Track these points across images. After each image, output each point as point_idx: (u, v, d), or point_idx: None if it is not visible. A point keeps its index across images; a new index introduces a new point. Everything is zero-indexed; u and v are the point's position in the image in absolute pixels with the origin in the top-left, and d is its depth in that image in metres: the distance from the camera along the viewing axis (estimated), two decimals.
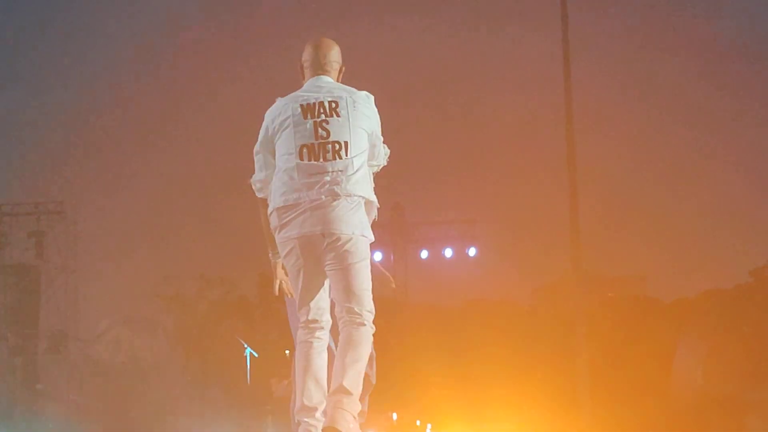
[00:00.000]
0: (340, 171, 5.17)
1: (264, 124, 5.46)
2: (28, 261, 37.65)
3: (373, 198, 5.42)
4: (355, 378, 5.11)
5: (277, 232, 5.23)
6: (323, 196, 5.10)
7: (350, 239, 5.15)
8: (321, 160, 5.19)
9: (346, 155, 5.20)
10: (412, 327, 41.24)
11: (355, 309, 5.18)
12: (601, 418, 29.78)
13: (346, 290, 5.18)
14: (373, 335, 6.36)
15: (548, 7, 26.40)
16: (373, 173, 5.66)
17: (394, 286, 6.74)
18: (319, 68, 5.51)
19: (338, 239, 5.13)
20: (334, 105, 5.26)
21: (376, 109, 5.45)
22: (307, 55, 5.55)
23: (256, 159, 5.51)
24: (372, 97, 5.45)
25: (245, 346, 14.18)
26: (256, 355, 14.48)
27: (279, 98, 5.45)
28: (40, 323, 37.04)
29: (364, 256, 5.26)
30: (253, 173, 5.55)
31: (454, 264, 39.89)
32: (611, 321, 44.41)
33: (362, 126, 5.32)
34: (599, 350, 34.51)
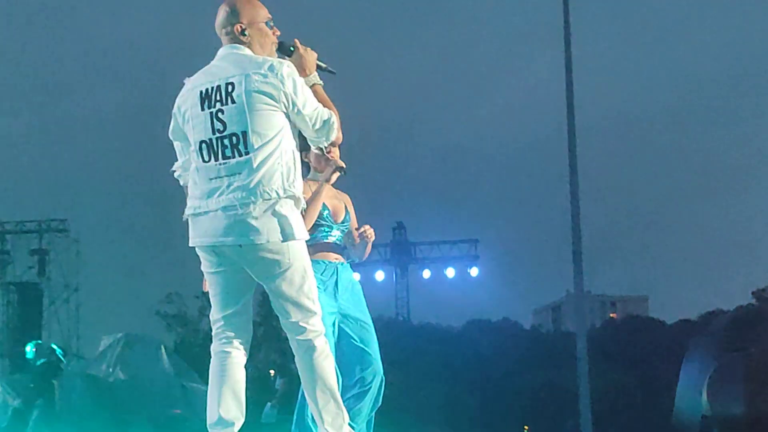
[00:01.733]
0: (239, 174, 4.45)
1: (173, 109, 4.74)
2: (30, 278, 37.72)
3: (292, 191, 4.54)
4: (333, 417, 4.74)
5: (192, 240, 4.67)
6: (227, 203, 4.46)
7: (274, 247, 4.50)
8: (220, 158, 4.49)
9: (245, 149, 4.45)
10: (413, 346, 41.21)
11: (299, 323, 4.64)
12: None
13: (284, 302, 4.64)
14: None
15: (552, 29, 26.49)
16: (321, 148, 4.99)
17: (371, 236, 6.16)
18: (223, 38, 4.74)
19: (258, 248, 4.48)
20: (230, 88, 4.51)
21: (288, 76, 4.55)
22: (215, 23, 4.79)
23: (174, 144, 4.85)
24: (281, 65, 4.56)
25: None
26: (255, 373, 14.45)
27: (186, 79, 4.74)
28: (43, 340, 37.02)
29: (296, 259, 4.58)
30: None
31: (456, 284, 39.83)
32: (614, 341, 44.44)
33: (264, 106, 4.49)
34: (601, 370, 34.44)
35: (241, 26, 4.68)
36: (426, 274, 40.11)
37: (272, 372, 38.29)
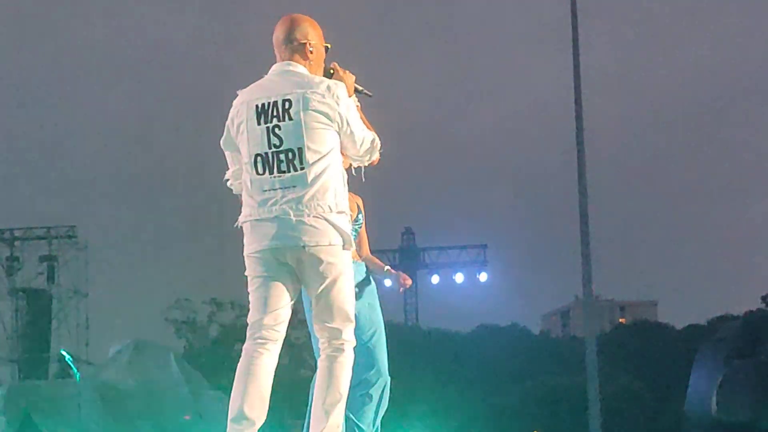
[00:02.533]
0: (293, 188, 4.63)
1: (227, 121, 4.90)
2: (39, 285, 37.78)
3: (342, 207, 4.74)
4: (334, 424, 4.76)
5: (245, 245, 4.81)
6: (280, 213, 4.63)
7: (327, 250, 4.68)
8: (275, 172, 4.67)
9: (301, 165, 4.63)
10: (422, 351, 41.21)
11: (337, 329, 4.78)
12: None
13: (328, 307, 4.77)
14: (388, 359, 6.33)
15: (560, 33, 26.50)
16: (361, 165, 5.09)
17: (409, 283, 6.42)
18: (282, 51, 4.90)
19: (319, 251, 4.67)
20: (287, 105, 4.69)
21: (344, 97, 4.77)
22: (273, 37, 4.95)
23: (225, 154, 5.00)
24: (337, 87, 4.76)
25: None
26: None
27: (240, 91, 4.88)
28: (52, 347, 37.13)
29: (348, 268, 4.79)
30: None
31: (464, 289, 39.84)
32: (623, 346, 44.36)
33: (320, 125, 4.68)
34: (610, 375, 34.39)
35: (311, 43, 4.88)
36: (435, 279, 40.13)
37: None
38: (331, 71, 5.11)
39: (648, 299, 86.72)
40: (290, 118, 4.66)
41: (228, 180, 5.01)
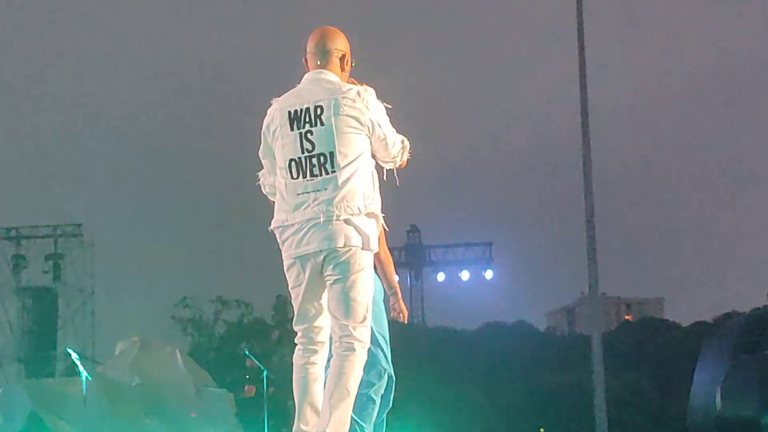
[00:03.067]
0: (325, 190, 4.84)
1: (262, 129, 5.12)
2: (46, 283, 37.81)
3: (371, 209, 4.97)
4: (340, 420, 4.83)
5: (281, 250, 5.01)
6: (311, 215, 4.84)
7: (347, 251, 4.86)
8: (308, 176, 4.87)
9: (332, 168, 4.84)
10: (429, 349, 41.22)
11: (348, 326, 4.90)
12: None
13: (340, 303, 4.91)
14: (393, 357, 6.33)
15: (565, 30, 26.49)
16: (393, 168, 5.27)
17: (405, 322, 6.39)
18: (317, 60, 5.09)
19: (335, 252, 4.84)
20: (319, 111, 4.90)
21: (373, 102, 4.97)
22: (308, 47, 5.15)
23: (263, 162, 5.21)
24: (367, 92, 4.97)
25: (261, 368, 14.12)
26: (272, 377, 14.45)
27: (274, 99, 5.10)
28: (58, 345, 37.16)
29: (363, 266, 4.93)
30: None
31: (470, 287, 39.79)
32: (629, 343, 44.36)
33: (351, 129, 4.89)
34: (616, 372, 34.38)
35: (346, 55, 5.14)
36: (440, 277, 40.08)
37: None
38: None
39: (654, 296, 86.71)
40: (321, 123, 4.87)
41: (265, 188, 5.22)
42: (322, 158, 4.85)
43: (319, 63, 5.09)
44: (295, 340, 5.10)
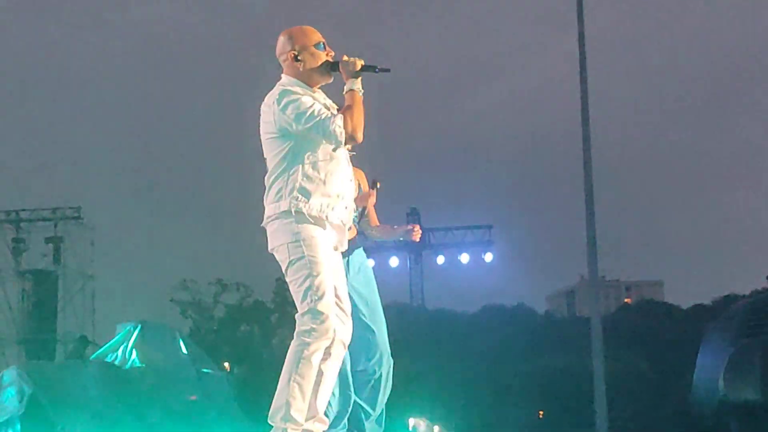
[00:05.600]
0: (265, 193, 5.08)
1: None
2: (46, 266, 37.83)
3: (299, 207, 4.95)
4: (279, 405, 4.87)
5: None
6: (263, 219, 5.09)
7: (276, 253, 5.06)
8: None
9: (267, 172, 5.08)
10: (428, 332, 41.27)
11: (296, 316, 5.02)
12: (618, 424, 29.71)
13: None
14: (389, 338, 6.32)
15: (566, 14, 26.41)
16: (346, 145, 5.06)
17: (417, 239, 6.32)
18: (281, 63, 5.20)
19: (274, 253, 5.08)
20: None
21: (282, 101, 4.96)
22: None
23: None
24: (276, 91, 5.03)
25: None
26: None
27: None
28: (58, 328, 37.21)
29: (287, 262, 5.00)
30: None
31: (470, 269, 39.79)
32: (628, 326, 44.39)
33: (267, 135, 5.05)
34: (616, 355, 34.41)
35: (293, 53, 5.09)
36: (440, 260, 40.08)
37: None
38: (332, 61, 5.14)
39: (654, 279, 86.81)
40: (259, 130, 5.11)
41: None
42: (265, 163, 5.09)
43: (283, 66, 5.18)
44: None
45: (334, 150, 5.05)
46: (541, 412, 41.26)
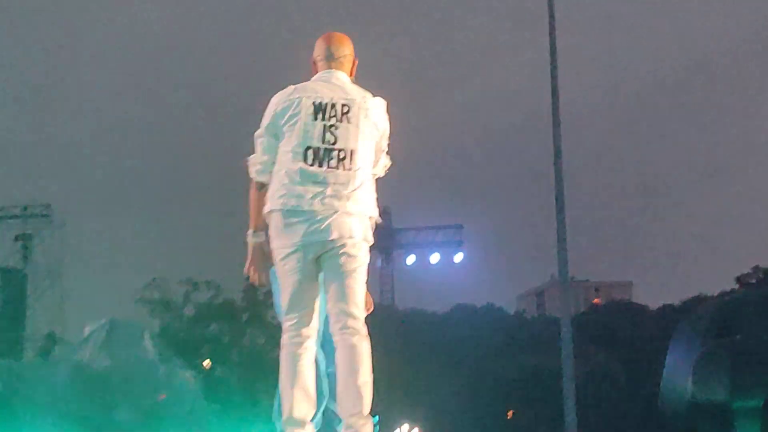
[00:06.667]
0: (342, 185, 4.98)
1: (272, 109, 5.17)
2: (14, 264, 37.56)
3: (375, 213, 5.16)
4: (369, 401, 4.95)
5: (277, 233, 5.03)
6: (324, 208, 4.95)
7: (354, 244, 5.00)
8: (325, 167, 4.99)
9: (350, 165, 5.01)
10: (399, 331, 41.27)
11: (356, 314, 5.03)
12: (587, 423, 29.81)
13: (347, 295, 5.04)
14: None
15: (537, 13, 26.50)
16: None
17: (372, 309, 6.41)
18: (332, 61, 5.28)
19: (342, 245, 4.97)
20: (346, 109, 5.08)
21: (387, 118, 5.23)
22: (319, 50, 5.32)
23: (257, 142, 5.21)
24: (385, 104, 5.23)
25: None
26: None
27: (293, 86, 5.20)
28: (27, 326, 36.96)
29: (367, 258, 5.10)
30: (250, 155, 5.21)
31: (440, 269, 39.86)
32: (598, 326, 44.57)
33: (371, 136, 5.12)
34: (585, 355, 34.55)
35: (355, 61, 5.37)
36: (410, 259, 40.12)
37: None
38: None
39: (623, 280, 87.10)
40: (348, 121, 5.05)
41: (256, 167, 5.18)
42: (342, 153, 5.00)
43: (331, 65, 5.26)
44: (286, 327, 5.11)
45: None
46: (510, 412, 41.36)
